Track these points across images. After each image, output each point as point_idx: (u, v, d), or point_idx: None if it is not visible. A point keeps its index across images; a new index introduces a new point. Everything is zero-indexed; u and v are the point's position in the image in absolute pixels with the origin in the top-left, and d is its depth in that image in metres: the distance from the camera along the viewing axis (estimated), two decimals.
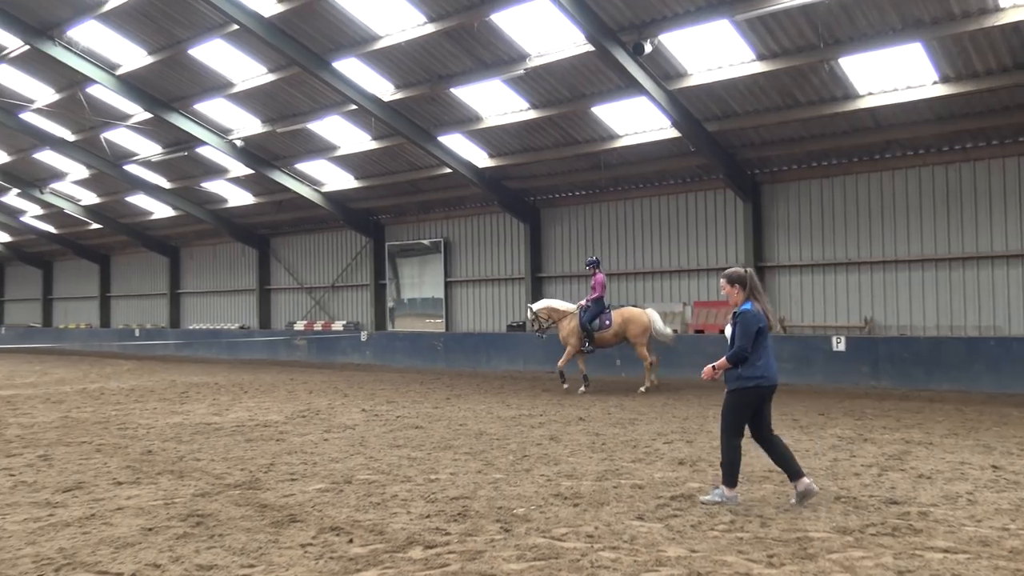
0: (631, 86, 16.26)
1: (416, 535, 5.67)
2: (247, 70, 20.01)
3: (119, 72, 20.92)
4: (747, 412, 6.55)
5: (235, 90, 20.70)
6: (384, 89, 19.16)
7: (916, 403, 13.51)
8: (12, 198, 34.00)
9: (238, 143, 23.39)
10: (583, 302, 16.30)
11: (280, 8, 16.72)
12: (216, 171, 26.58)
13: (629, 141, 18.80)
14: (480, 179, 21.69)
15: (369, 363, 25.57)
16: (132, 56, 20.29)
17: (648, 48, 14.96)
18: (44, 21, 19.35)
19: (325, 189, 25.62)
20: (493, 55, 17.10)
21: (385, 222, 27.17)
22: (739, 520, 6.03)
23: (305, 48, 17.80)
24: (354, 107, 19.67)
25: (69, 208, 32.54)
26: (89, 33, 19.59)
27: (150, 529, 5.81)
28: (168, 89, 21.55)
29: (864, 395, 14.89)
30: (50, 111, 24.34)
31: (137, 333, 35.11)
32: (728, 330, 6.64)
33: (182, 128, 22.68)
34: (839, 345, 16.56)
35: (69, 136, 26.21)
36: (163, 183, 28.47)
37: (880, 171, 17.37)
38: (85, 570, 4.91)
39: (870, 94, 15.37)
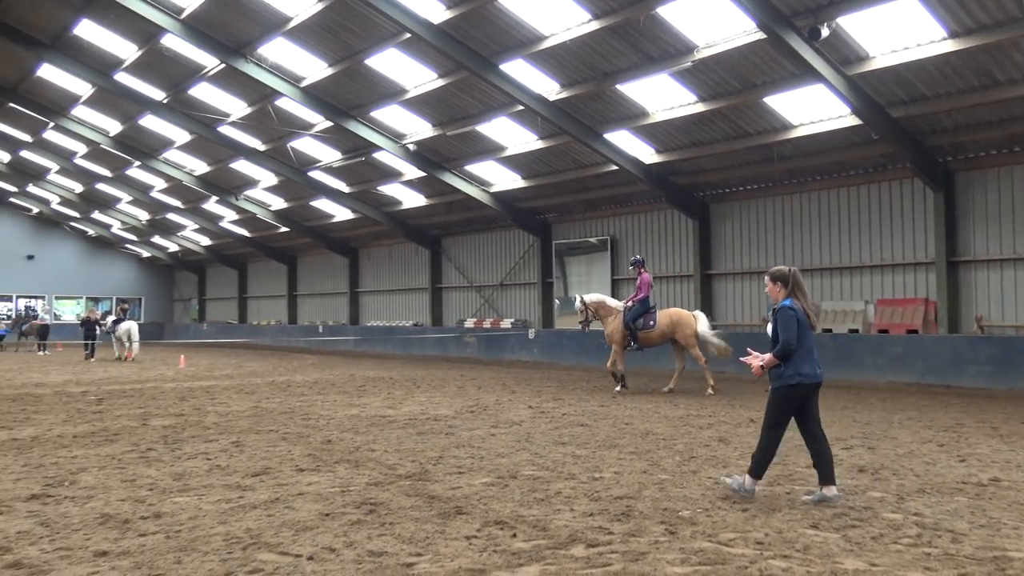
0: (807, 73, 15.50)
1: (579, 533, 5.63)
2: (419, 76, 20.72)
3: (303, 84, 22.25)
4: (790, 410, 6.60)
5: (408, 96, 21.49)
6: (550, 88, 19.28)
7: None
8: (212, 205, 37.00)
9: (411, 147, 24.30)
10: (628, 302, 16.17)
11: (449, 15, 17.19)
12: (391, 175, 27.73)
13: (805, 131, 17.94)
14: (647, 175, 21.39)
15: (536, 360, 25.84)
16: (314, 68, 21.52)
17: (825, 32, 14.19)
18: (237, 40, 20.88)
19: (493, 189, 26.13)
20: (659, 49, 16.80)
21: (552, 220, 27.37)
22: (926, 534, 5.58)
23: (473, 52, 18.21)
24: (520, 108, 19.93)
25: (261, 213, 35.03)
26: (276, 49, 20.96)
27: (327, 515, 6.10)
28: (347, 98, 22.69)
29: None
30: (243, 123, 26.25)
31: (320, 329, 37.26)
32: (769, 328, 6.80)
33: (360, 135, 23.82)
34: None
35: (260, 146, 28.18)
36: (343, 187, 30.04)
37: None
38: (269, 550, 5.21)
39: None
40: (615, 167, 21.44)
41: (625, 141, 20.75)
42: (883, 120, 16.31)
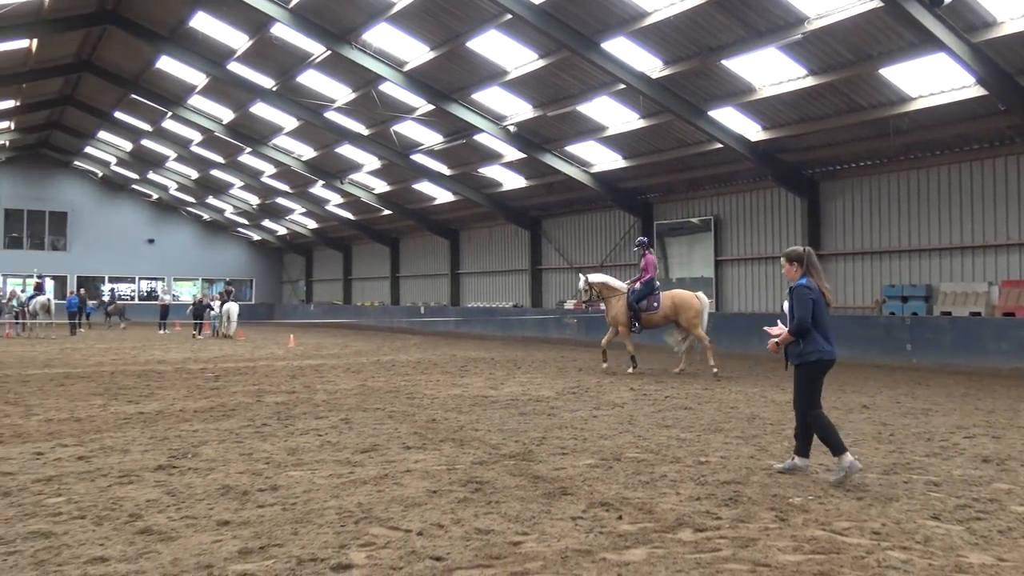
0: (927, 42, 14.69)
1: (686, 517, 5.56)
2: (520, 57, 20.69)
3: (406, 68, 22.55)
4: (818, 384, 6.79)
5: (508, 77, 21.50)
6: (652, 66, 18.93)
7: None
8: (318, 189, 38.08)
9: (511, 128, 24.35)
10: (633, 283, 15.96)
11: None
12: (491, 156, 27.88)
13: (923, 104, 17.03)
14: (753, 153, 20.80)
15: (637, 342, 25.55)
16: (417, 52, 21.78)
17: None
18: (343, 27, 21.32)
19: (594, 170, 25.94)
20: (768, 21, 16.24)
21: (653, 201, 26.98)
22: None
23: (574, 31, 18.04)
24: (622, 86, 19.66)
25: (364, 196, 35.84)
26: (380, 34, 21.30)
27: (434, 492, 6.21)
28: (448, 81, 22.88)
29: None
30: (348, 109, 26.85)
31: (422, 310, 37.93)
32: (786, 305, 6.92)
33: (461, 117, 24.01)
34: None
35: (364, 130, 28.77)
36: (444, 170, 30.39)
37: None
38: (379, 524, 5.35)
39: None
40: (719, 145, 20.93)
41: (730, 118, 20.21)
42: (1012, 90, 15.33)
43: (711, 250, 24.79)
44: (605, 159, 25.35)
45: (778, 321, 7.08)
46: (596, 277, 16.78)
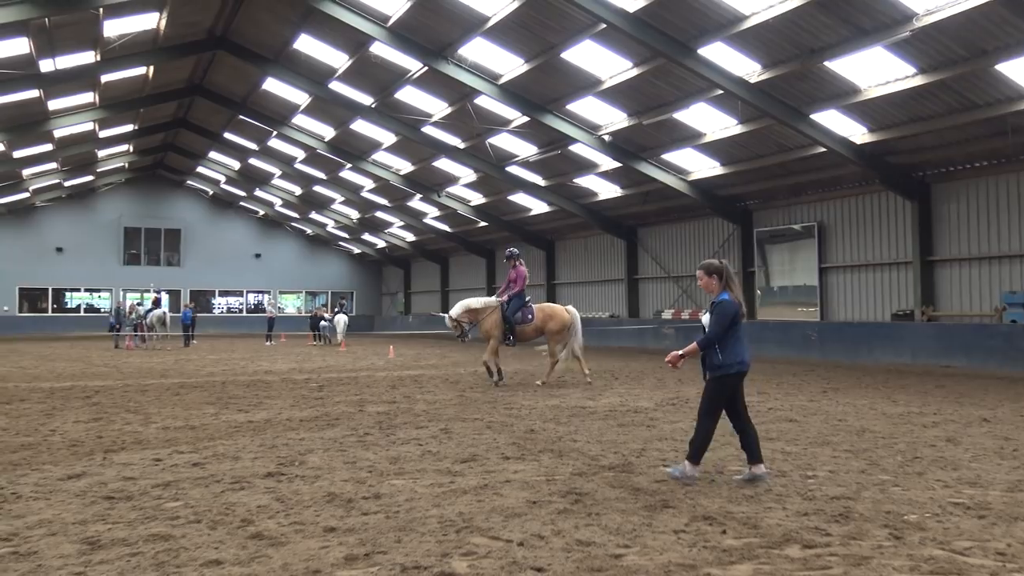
0: None
1: (793, 533, 5.38)
2: (614, 66, 20.61)
3: (501, 81, 22.78)
4: (727, 396, 6.90)
5: (603, 87, 21.44)
6: (751, 70, 18.55)
7: None
8: (416, 202, 38.82)
9: (606, 138, 24.26)
10: (504, 296, 15.63)
11: (644, 2, 16.94)
12: (586, 166, 27.83)
13: None
14: (859, 156, 20.09)
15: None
16: (511, 65, 21.97)
17: None
18: (439, 43, 21.72)
19: (691, 177, 25.57)
20: (873, 20, 15.68)
21: (753, 207, 26.38)
22: None
23: (670, 38, 17.85)
24: (720, 92, 19.34)
25: (461, 209, 36.32)
26: (475, 49, 21.60)
27: (534, 502, 6.20)
28: (543, 92, 22.98)
29: None
30: (444, 123, 27.30)
31: None
32: (706, 317, 7.05)
33: (556, 128, 24.08)
34: None
35: (460, 144, 29.18)
36: (539, 181, 30.50)
37: None
38: (480, 534, 5.37)
39: None
40: (823, 149, 20.31)
41: (834, 121, 19.59)
42: None
43: (814, 257, 24.04)
44: (702, 166, 24.95)
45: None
46: (456, 310, 15.96)
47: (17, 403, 12.82)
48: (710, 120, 22.00)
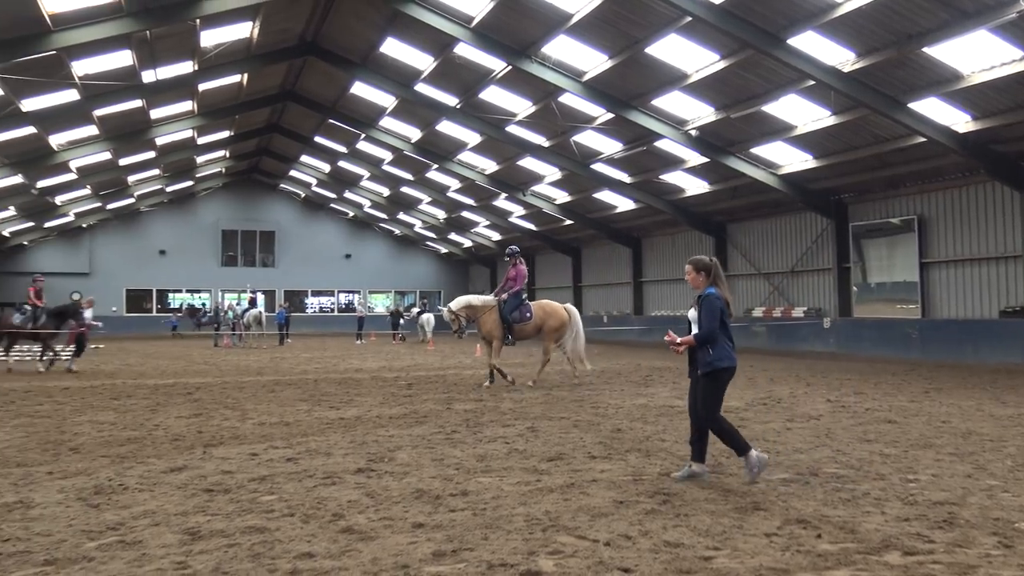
0: None
1: (893, 538, 5.17)
2: (700, 60, 20.23)
3: (585, 78, 22.65)
4: (724, 391, 6.98)
5: (689, 81, 21.07)
6: (844, 59, 17.93)
7: None
8: (501, 201, 39.00)
9: (693, 133, 23.86)
10: (503, 295, 15.47)
11: None
12: (673, 162, 27.42)
13: None
14: (961, 146, 19.17)
15: (832, 351, 24.30)
16: (595, 62, 21.81)
17: None
18: (522, 42, 21.74)
19: (782, 171, 24.91)
20: (976, 2, 14.93)
21: (848, 201, 25.51)
22: None
23: (758, 28, 17.41)
24: (811, 83, 18.76)
25: (546, 207, 36.31)
26: (559, 47, 21.53)
27: (621, 502, 6.14)
28: (627, 88, 22.75)
29: None
30: (529, 122, 27.32)
31: (605, 319, 37.85)
32: (692, 313, 7.06)
33: (641, 124, 23.79)
34: None
35: (544, 142, 29.17)
36: (625, 178, 30.22)
37: None
38: (567, 533, 5.35)
39: None
40: (922, 139, 19.47)
41: (934, 109, 18.76)
42: None
43: (914, 252, 23.08)
44: (794, 160, 24.27)
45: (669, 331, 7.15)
46: (457, 303, 15.91)
47: (124, 399, 13.45)
48: (801, 112, 21.37)
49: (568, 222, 37.76)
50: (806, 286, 27.73)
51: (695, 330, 6.94)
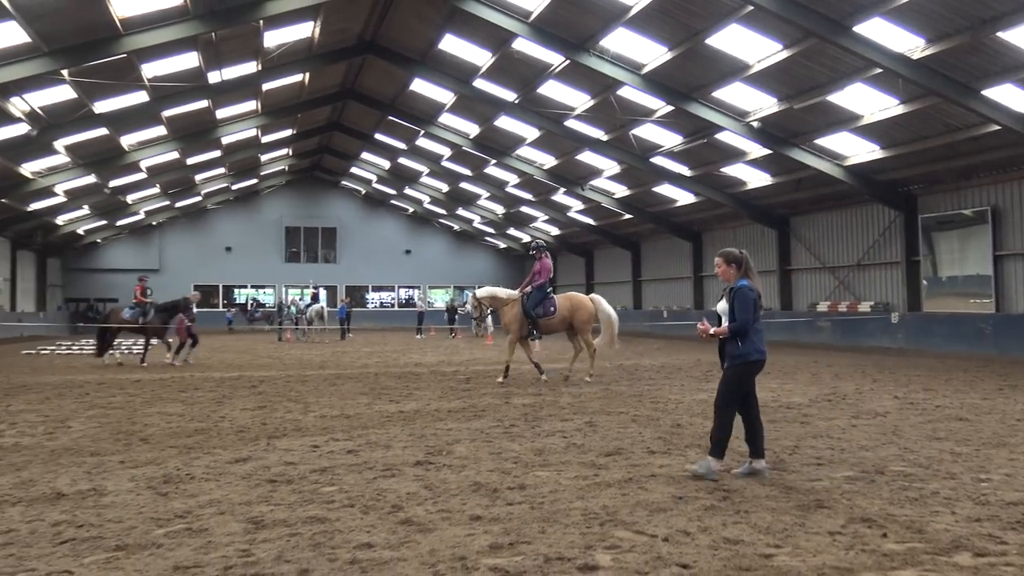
0: None
1: (963, 539, 5.01)
2: (762, 49, 19.86)
3: (644, 71, 22.44)
4: (745, 385, 6.84)
5: (751, 72, 20.70)
6: (913, 46, 17.40)
7: None
8: (560, 196, 38.92)
9: (755, 124, 23.44)
10: (525, 288, 15.32)
11: None
12: (734, 155, 27.00)
13: None
14: None
15: (900, 347, 23.65)
16: (655, 54, 21.59)
17: None
18: (580, 36, 21.64)
19: (847, 163, 24.31)
20: None
21: (917, 192, 24.78)
22: None
23: (822, 16, 17.01)
24: (878, 71, 18.27)
25: (605, 201, 36.11)
26: (617, 40, 21.36)
27: (680, 498, 6.08)
28: (687, 80, 22.46)
29: None
30: (587, 116, 27.19)
31: (665, 314, 37.48)
32: (722, 305, 6.99)
33: (701, 116, 23.48)
34: None
35: (603, 136, 29.00)
36: (684, 171, 29.87)
37: None
38: (624, 528, 5.32)
39: None
40: (996, 127, 18.80)
41: (1010, 96, 18.08)
42: None
43: (988, 245, 22.29)
44: (860, 150, 23.66)
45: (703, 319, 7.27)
46: (483, 291, 15.99)
47: (192, 391, 13.82)
48: (868, 101, 20.81)
49: (627, 216, 37.49)
50: (873, 280, 27.03)
51: (725, 322, 6.88)
